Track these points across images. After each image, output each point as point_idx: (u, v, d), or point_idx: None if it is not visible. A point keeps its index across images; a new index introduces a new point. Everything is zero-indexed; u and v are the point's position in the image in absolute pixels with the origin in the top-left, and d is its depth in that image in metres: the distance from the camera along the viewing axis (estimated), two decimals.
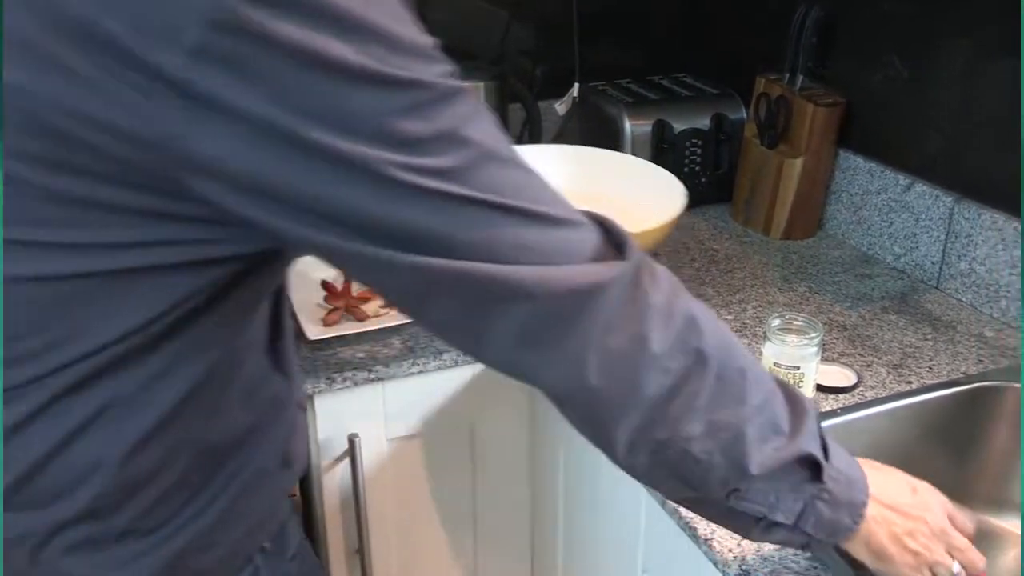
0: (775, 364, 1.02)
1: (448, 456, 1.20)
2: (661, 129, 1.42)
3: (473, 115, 0.52)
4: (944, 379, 1.12)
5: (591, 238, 0.56)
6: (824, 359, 1.14)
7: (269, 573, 0.69)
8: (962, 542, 0.74)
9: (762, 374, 0.61)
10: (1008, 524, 1.12)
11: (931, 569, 0.71)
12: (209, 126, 0.47)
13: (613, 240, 0.57)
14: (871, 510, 0.68)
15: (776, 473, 0.61)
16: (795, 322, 1.04)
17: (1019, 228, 1.21)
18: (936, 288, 1.34)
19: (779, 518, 0.63)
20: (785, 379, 1.00)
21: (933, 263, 1.34)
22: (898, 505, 0.70)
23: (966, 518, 0.75)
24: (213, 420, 0.62)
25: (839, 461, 0.66)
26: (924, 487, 0.74)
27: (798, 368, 1.01)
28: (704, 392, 0.58)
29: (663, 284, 0.58)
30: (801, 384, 1.02)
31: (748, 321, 1.24)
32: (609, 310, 0.54)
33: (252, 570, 0.68)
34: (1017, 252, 1.21)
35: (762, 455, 0.61)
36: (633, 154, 1.39)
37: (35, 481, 0.59)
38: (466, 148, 0.51)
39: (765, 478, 0.61)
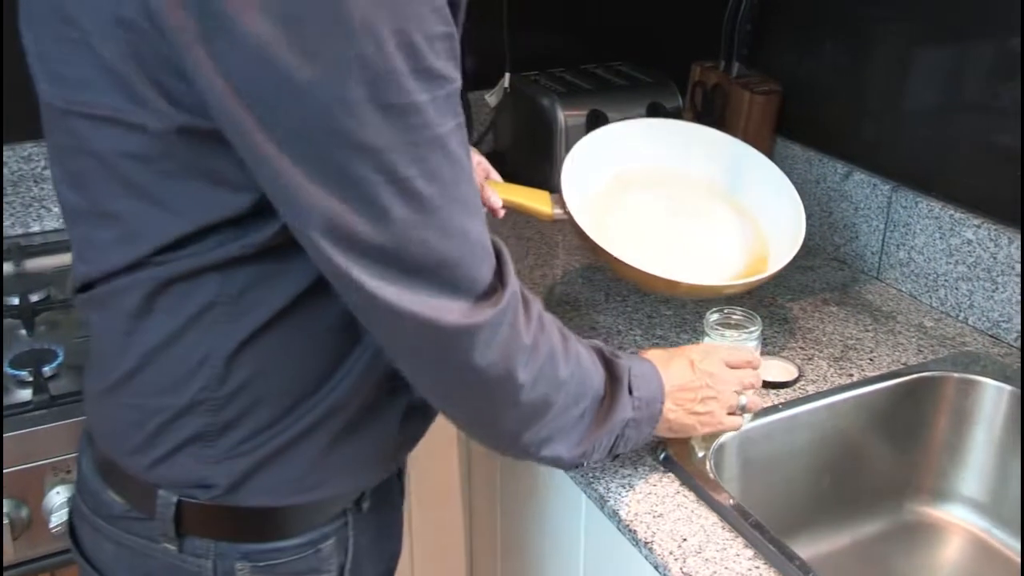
0: None
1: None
2: (596, 119, 1.42)
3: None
4: (885, 371, 1.14)
5: (487, 274, 0.65)
6: (765, 353, 1.15)
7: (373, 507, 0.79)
8: (745, 375, 0.91)
9: (591, 383, 0.76)
10: (949, 515, 1.15)
11: (727, 412, 0.90)
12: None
13: (500, 272, 0.66)
14: (666, 405, 0.84)
15: (599, 448, 0.79)
16: (734, 316, 1.04)
17: (955, 216, 1.23)
18: (877, 278, 1.36)
19: (594, 458, 0.80)
20: None
21: (873, 253, 1.37)
22: (684, 385, 0.86)
23: (743, 352, 0.92)
24: (316, 327, 0.68)
25: (640, 387, 0.81)
26: (699, 354, 0.89)
27: None
28: (555, 410, 0.73)
29: (532, 322, 0.69)
30: None
31: (688, 316, 1.25)
32: (484, 346, 0.65)
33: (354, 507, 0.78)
34: (954, 240, 1.24)
35: (592, 447, 0.78)
36: (566, 147, 1.40)
37: (145, 372, 0.69)
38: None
39: (589, 455, 0.79)
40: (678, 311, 1.26)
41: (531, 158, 1.50)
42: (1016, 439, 1.09)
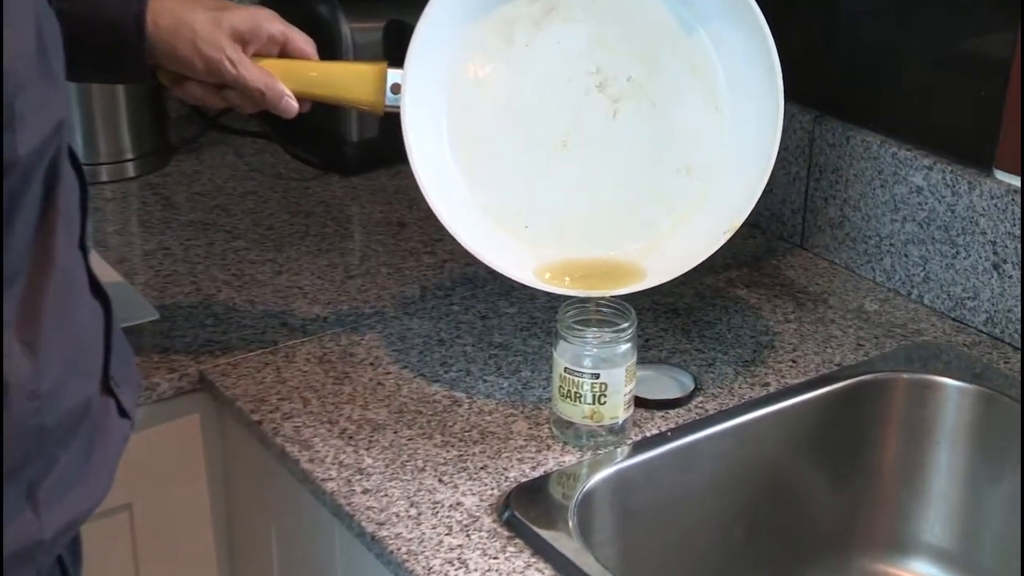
0: (567, 371, 1.01)
1: (102, 546, 1.13)
2: (397, 33, 1.39)
3: None
4: (813, 376, 1.15)
5: None
6: (644, 360, 1.14)
7: None
8: None
9: None
10: (908, 572, 1.16)
11: None
12: None
13: None
14: None
15: None
16: (600, 310, 1.04)
17: (899, 155, 1.25)
18: (800, 246, 1.38)
19: None
20: (580, 394, 1.01)
21: (793, 211, 1.38)
22: None
23: None
24: None
25: None
26: None
27: (597, 377, 1.01)
28: None
29: None
30: (604, 400, 1.01)
31: (538, 314, 1.24)
32: None
33: None
34: (900, 188, 1.26)
35: None
36: None
37: None
38: None
39: None
40: (524, 307, 1.25)
41: None
42: (992, 459, 1.12)
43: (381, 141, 1.52)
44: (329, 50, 1.38)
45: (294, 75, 1.05)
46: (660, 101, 1.12)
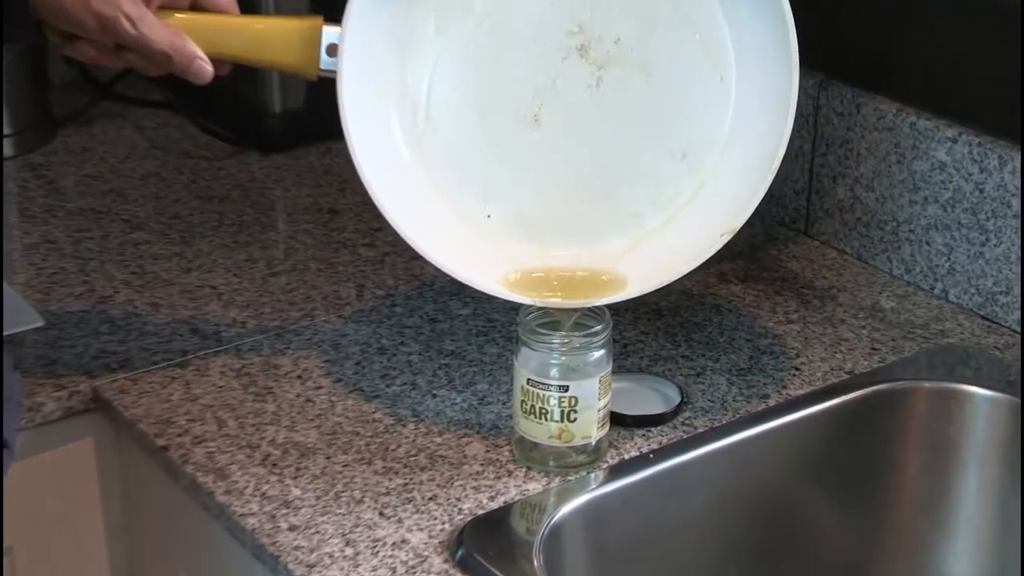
0: (531, 383, 1.03)
1: None
2: None
3: None
4: (820, 386, 1.16)
5: None
6: (622, 369, 1.16)
7: None
8: None
9: None
10: None
11: None
12: None
13: None
14: None
15: None
16: (566, 311, 1.05)
17: (919, 125, 1.27)
18: (804, 233, 1.39)
19: None
20: (547, 410, 1.02)
21: (797, 192, 1.39)
22: None
23: None
24: None
25: None
26: None
27: (566, 389, 1.02)
28: None
29: None
30: (575, 417, 1.03)
31: (496, 316, 1.25)
32: None
33: None
34: (920, 165, 1.28)
35: None
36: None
37: None
38: None
39: None
40: (480, 308, 1.26)
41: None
42: None
43: (310, 112, 1.52)
44: (250, 2, 1.37)
45: (208, 33, 1.05)
46: (654, 69, 1.11)
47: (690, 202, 1.12)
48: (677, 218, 1.12)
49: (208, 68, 1.05)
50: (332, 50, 1.05)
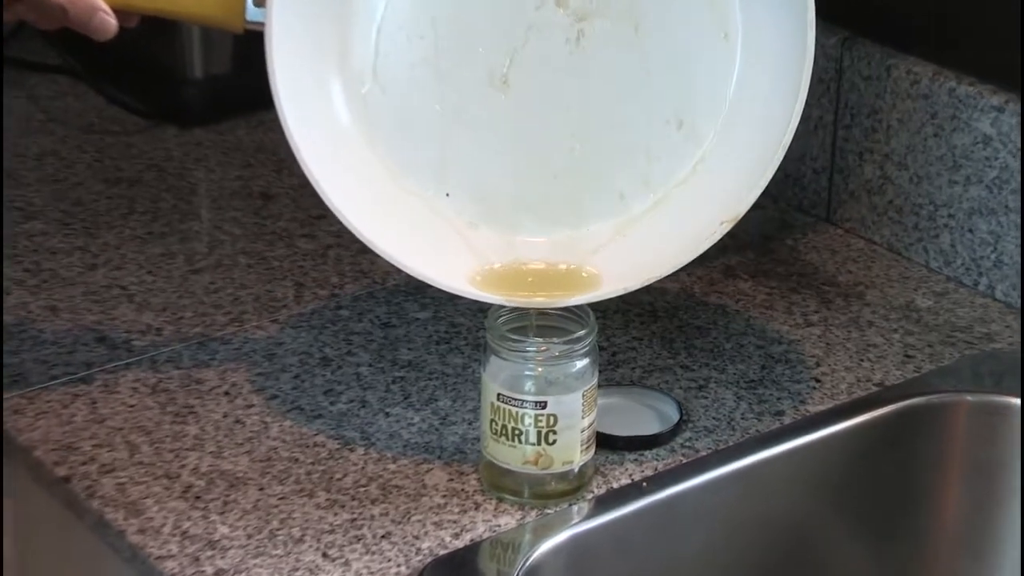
0: (502, 399, 1.03)
1: None
2: None
3: None
4: (844, 399, 1.16)
5: None
6: (610, 382, 1.16)
7: None
8: None
9: None
10: None
11: None
12: None
13: None
14: None
15: None
16: (545, 313, 1.05)
17: (959, 91, 1.28)
18: (826, 220, 1.40)
19: None
20: (521, 431, 1.02)
21: (817, 171, 1.40)
22: None
23: None
24: None
25: None
26: None
27: (544, 406, 1.02)
28: None
29: None
30: (554, 439, 1.03)
31: (461, 320, 1.25)
32: None
33: None
34: (961, 138, 1.28)
35: None
36: None
37: None
38: None
39: None
40: (442, 310, 1.26)
41: None
42: None
43: (236, 78, 1.52)
44: None
45: None
46: (645, 21, 1.11)
47: (686, 181, 1.12)
48: (671, 200, 1.12)
49: (112, 21, 1.05)
50: None
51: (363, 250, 1.06)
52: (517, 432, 1.03)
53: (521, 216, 1.12)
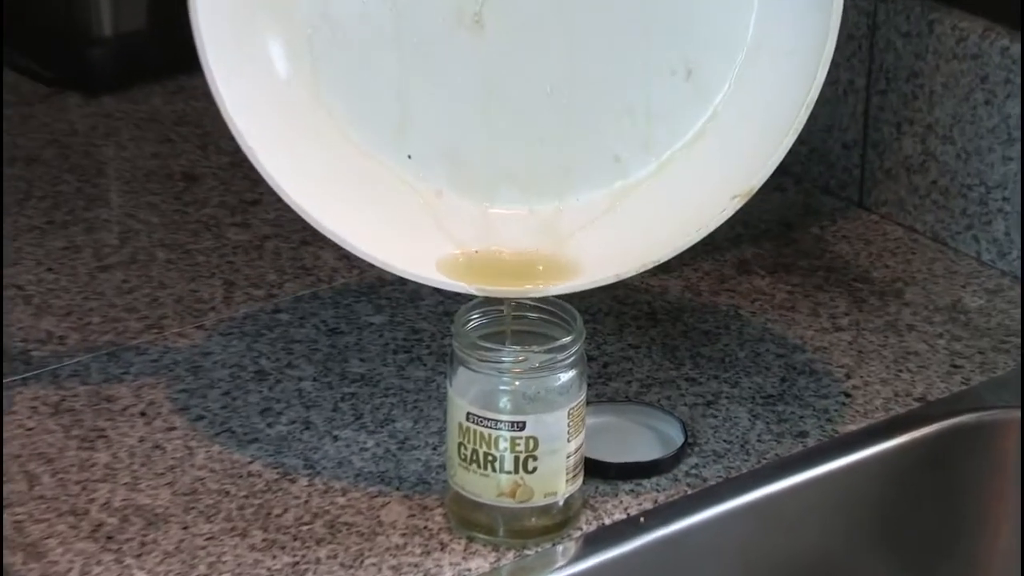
0: (471, 418, 1.03)
1: None
2: None
3: None
4: (880, 417, 1.17)
5: None
6: (601, 398, 1.17)
7: None
8: None
9: None
10: None
11: None
12: None
13: None
14: None
15: None
16: (523, 316, 1.06)
17: (1012, 51, 1.28)
18: (858, 205, 1.41)
19: None
20: (495, 456, 1.02)
21: (847, 146, 1.41)
22: None
23: None
24: None
25: None
26: None
27: (522, 427, 1.03)
28: None
29: None
30: (534, 466, 1.03)
31: (424, 325, 1.26)
32: None
33: None
34: (1018, 107, 1.29)
35: None
36: None
37: None
38: None
39: None
40: (400, 313, 1.27)
41: None
42: None
43: (151, 37, 1.52)
44: None
45: None
46: None
47: (693, 144, 1.13)
48: (674, 165, 1.13)
49: None
50: None
51: (305, 242, 1.06)
52: (490, 458, 1.03)
53: (498, 183, 1.12)
